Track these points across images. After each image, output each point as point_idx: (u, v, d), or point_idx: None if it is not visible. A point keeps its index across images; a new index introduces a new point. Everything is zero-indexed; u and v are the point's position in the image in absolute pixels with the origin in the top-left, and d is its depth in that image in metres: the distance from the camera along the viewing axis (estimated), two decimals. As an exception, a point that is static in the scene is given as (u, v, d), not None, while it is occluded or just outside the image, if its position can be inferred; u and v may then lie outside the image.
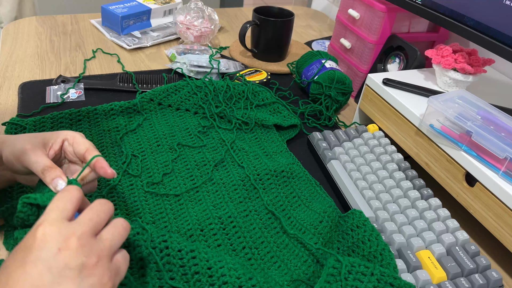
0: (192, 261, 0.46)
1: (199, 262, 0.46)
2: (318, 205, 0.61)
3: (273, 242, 0.56)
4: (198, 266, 0.46)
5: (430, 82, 0.76)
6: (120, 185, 0.61)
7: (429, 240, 0.55)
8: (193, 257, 0.46)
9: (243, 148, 0.71)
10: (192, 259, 0.46)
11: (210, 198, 0.61)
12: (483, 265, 0.53)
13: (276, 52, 0.98)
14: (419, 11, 0.74)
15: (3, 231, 0.53)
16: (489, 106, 0.61)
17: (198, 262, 0.46)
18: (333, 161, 0.68)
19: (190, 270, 0.46)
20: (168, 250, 0.46)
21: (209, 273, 0.45)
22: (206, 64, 0.91)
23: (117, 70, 0.91)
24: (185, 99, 0.78)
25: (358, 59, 0.91)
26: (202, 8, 1.01)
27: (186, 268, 0.46)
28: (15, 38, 0.98)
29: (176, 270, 0.46)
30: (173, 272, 0.46)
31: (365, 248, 0.52)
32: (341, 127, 0.82)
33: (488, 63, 0.71)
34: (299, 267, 0.53)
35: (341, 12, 0.95)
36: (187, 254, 0.46)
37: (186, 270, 0.46)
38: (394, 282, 0.45)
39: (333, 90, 0.81)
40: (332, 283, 0.45)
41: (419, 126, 0.65)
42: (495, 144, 0.54)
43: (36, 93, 0.79)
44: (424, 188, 0.63)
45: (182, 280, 0.46)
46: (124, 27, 1.01)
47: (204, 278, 0.45)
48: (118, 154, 0.66)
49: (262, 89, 0.81)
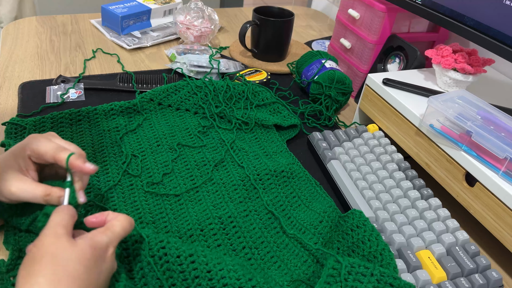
0: (191, 266, 0.46)
1: (199, 266, 0.46)
2: (318, 205, 0.61)
3: (273, 242, 0.56)
4: (197, 270, 0.46)
5: (430, 82, 0.76)
6: (120, 185, 0.61)
7: (429, 240, 0.55)
8: (192, 262, 0.46)
9: (243, 148, 0.71)
10: (191, 263, 0.46)
11: (210, 198, 0.61)
12: (483, 265, 0.53)
13: (276, 52, 0.98)
14: (419, 11, 0.74)
15: (3, 231, 0.53)
16: (489, 106, 0.61)
17: (197, 266, 0.46)
18: (333, 161, 0.68)
19: (190, 275, 0.46)
20: (167, 257, 0.46)
21: (208, 276, 0.45)
22: (206, 64, 0.91)
23: (117, 70, 0.91)
24: (185, 99, 0.78)
25: (358, 59, 0.91)
26: (202, 8, 1.01)
27: (186, 274, 0.46)
28: (15, 38, 0.99)
29: (176, 277, 0.46)
30: (173, 278, 0.46)
31: (365, 248, 0.52)
32: (341, 127, 0.82)
33: (488, 63, 0.71)
34: (299, 267, 0.53)
35: (341, 12, 0.95)
36: (186, 259, 0.46)
37: (186, 275, 0.46)
38: (394, 283, 0.45)
39: (333, 90, 0.81)
40: (332, 284, 0.45)
41: (419, 126, 0.65)
42: (495, 144, 0.54)
43: (36, 93, 0.79)
44: (424, 188, 0.63)
45: (183, 286, 0.46)
46: (124, 27, 1.01)
47: (204, 281, 0.45)
48: (118, 154, 0.66)
49: (262, 89, 0.81)
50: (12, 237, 0.52)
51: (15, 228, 0.53)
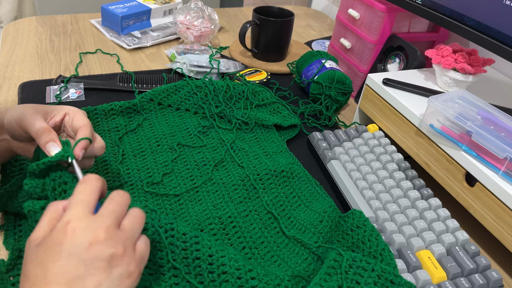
0: (195, 246, 0.46)
1: (202, 248, 0.46)
2: (318, 205, 0.61)
3: (273, 242, 0.56)
4: (199, 252, 0.46)
5: (430, 82, 0.76)
6: (120, 184, 0.61)
7: (429, 240, 0.55)
8: (196, 243, 0.46)
9: (243, 148, 0.71)
10: (195, 244, 0.46)
11: (210, 198, 0.61)
12: (483, 265, 0.53)
13: (276, 52, 0.98)
14: (419, 11, 0.74)
15: (3, 231, 0.53)
16: (489, 106, 0.61)
17: (200, 248, 0.46)
18: (333, 161, 0.68)
19: (192, 254, 0.46)
20: (173, 232, 0.47)
21: (209, 260, 0.46)
22: (206, 64, 0.91)
23: (117, 70, 0.91)
24: (185, 99, 0.78)
25: (358, 59, 0.91)
26: (202, 8, 1.01)
27: (188, 252, 0.46)
28: (15, 38, 0.98)
29: (178, 252, 0.46)
30: (175, 254, 0.46)
31: (365, 248, 0.52)
32: (341, 127, 0.82)
33: (488, 63, 0.71)
34: (300, 264, 0.53)
35: (341, 12, 0.95)
36: (191, 239, 0.47)
37: (187, 254, 0.46)
38: (395, 280, 0.45)
39: (333, 90, 0.81)
40: (332, 275, 0.45)
41: (419, 126, 0.65)
42: (495, 144, 0.54)
43: (36, 93, 0.79)
44: (424, 188, 0.63)
45: (182, 263, 0.46)
46: (124, 27, 1.01)
47: (204, 264, 0.46)
48: (118, 154, 0.66)
49: (262, 89, 0.81)
50: (12, 237, 0.52)
51: (15, 228, 0.53)
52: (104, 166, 0.64)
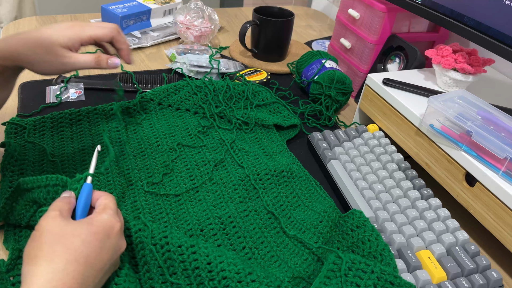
0: (192, 257, 0.46)
1: (199, 257, 0.46)
2: (318, 205, 0.61)
3: (273, 242, 0.56)
4: (198, 262, 0.46)
5: (430, 82, 0.76)
6: (120, 185, 0.61)
7: (429, 240, 0.55)
8: (193, 253, 0.47)
9: (243, 148, 0.71)
10: (192, 254, 0.47)
11: (210, 198, 0.61)
12: (483, 265, 0.53)
13: (276, 52, 0.98)
14: (419, 11, 0.74)
15: (3, 231, 0.53)
16: (489, 106, 0.61)
17: (198, 258, 0.46)
18: (333, 161, 0.68)
19: (190, 265, 0.46)
20: (169, 246, 0.47)
21: (208, 268, 0.46)
22: (206, 64, 0.91)
23: (117, 70, 0.91)
24: (185, 99, 0.78)
25: (358, 59, 0.91)
26: (202, 8, 1.01)
27: (187, 264, 0.46)
28: (15, 38, 0.98)
29: (177, 266, 0.47)
30: (174, 267, 0.47)
31: (365, 248, 0.52)
32: (341, 127, 0.82)
33: (488, 63, 0.71)
34: (300, 265, 0.53)
35: (341, 12, 0.95)
36: (187, 250, 0.47)
37: (186, 265, 0.46)
38: (394, 281, 0.45)
39: (333, 90, 0.81)
40: (332, 278, 0.45)
41: (419, 126, 0.65)
42: (495, 144, 0.54)
43: (36, 93, 0.79)
44: (424, 188, 0.63)
45: (183, 276, 0.46)
46: (124, 27, 1.01)
47: (204, 273, 0.46)
48: (118, 154, 0.66)
49: (262, 89, 0.81)
50: (12, 237, 0.52)
51: (15, 228, 0.53)
52: (104, 166, 0.64)
